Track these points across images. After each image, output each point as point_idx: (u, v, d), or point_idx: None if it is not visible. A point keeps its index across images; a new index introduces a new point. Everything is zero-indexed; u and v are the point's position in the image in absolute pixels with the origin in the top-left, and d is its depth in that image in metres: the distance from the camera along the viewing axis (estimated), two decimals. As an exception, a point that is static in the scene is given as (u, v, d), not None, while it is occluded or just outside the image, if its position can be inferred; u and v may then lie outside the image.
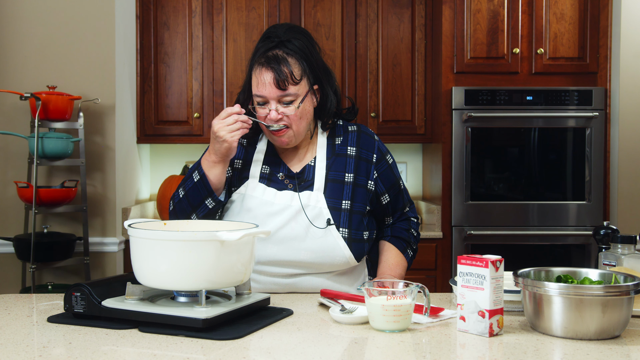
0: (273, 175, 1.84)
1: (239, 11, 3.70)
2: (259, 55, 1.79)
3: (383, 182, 1.89)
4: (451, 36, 3.49)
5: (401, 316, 1.38)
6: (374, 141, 1.91)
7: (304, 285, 1.81)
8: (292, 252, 1.77)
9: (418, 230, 2.00)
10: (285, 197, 1.80)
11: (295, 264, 1.78)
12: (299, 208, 1.78)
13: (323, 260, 1.78)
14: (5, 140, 3.26)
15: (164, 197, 3.64)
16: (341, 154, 1.87)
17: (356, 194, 1.83)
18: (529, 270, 1.47)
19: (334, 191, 1.82)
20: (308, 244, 1.77)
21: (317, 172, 1.83)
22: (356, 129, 1.92)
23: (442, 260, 3.47)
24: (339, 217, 1.80)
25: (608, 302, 1.30)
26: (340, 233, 1.78)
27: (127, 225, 1.49)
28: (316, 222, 1.78)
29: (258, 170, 1.85)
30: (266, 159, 1.87)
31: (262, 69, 1.76)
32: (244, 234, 1.41)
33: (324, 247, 1.77)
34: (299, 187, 1.82)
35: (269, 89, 1.75)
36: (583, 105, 3.46)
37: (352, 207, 1.82)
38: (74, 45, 3.28)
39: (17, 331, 1.40)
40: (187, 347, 1.27)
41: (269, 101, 1.77)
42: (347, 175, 1.84)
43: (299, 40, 1.80)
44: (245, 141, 1.90)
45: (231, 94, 3.70)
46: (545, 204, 3.47)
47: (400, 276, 1.88)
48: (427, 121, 3.75)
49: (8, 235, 3.22)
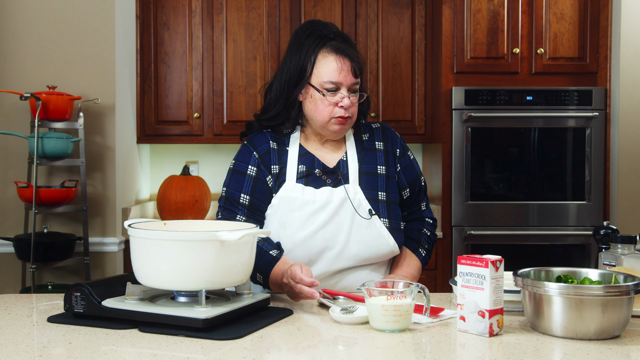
0: (310, 172, 1.84)
1: (239, 11, 3.70)
2: (323, 44, 1.79)
3: (406, 177, 1.93)
4: (451, 36, 3.48)
5: (401, 316, 1.38)
6: (397, 136, 1.97)
7: (350, 279, 1.82)
8: (340, 246, 1.79)
9: (433, 231, 2.00)
10: (325, 193, 1.81)
11: (344, 258, 1.79)
12: (340, 202, 1.80)
13: (370, 251, 1.81)
14: (5, 140, 3.26)
15: (164, 197, 3.64)
16: (370, 149, 1.90)
17: (389, 185, 1.88)
18: (529, 270, 1.47)
19: (369, 183, 1.85)
20: (354, 235, 1.79)
21: (351, 166, 1.86)
22: (380, 126, 1.97)
23: (442, 260, 3.47)
24: (378, 208, 1.83)
25: (608, 302, 1.30)
26: (382, 223, 1.81)
27: (127, 225, 1.49)
28: (360, 213, 1.80)
29: (294, 171, 1.83)
30: (300, 158, 1.86)
31: (340, 57, 1.78)
32: (244, 234, 1.41)
33: (371, 237, 1.80)
34: (338, 182, 1.84)
35: (348, 76, 1.77)
36: (583, 105, 3.46)
37: (388, 197, 1.86)
38: (74, 45, 3.28)
39: (17, 331, 1.40)
40: (187, 347, 1.27)
41: (341, 88, 1.78)
42: (379, 167, 1.88)
43: (344, 35, 1.84)
44: (276, 145, 1.87)
45: (231, 94, 3.70)
46: (545, 204, 3.47)
47: (412, 275, 1.89)
48: (427, 121, 3.75)
49: (8, 235, 3.22)
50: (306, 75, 1.79)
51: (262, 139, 1.87)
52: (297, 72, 1.80)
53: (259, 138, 1.88)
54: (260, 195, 1.82)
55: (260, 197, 1.82)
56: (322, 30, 1.81)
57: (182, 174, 3.74)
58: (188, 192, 3.60)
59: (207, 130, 3.71)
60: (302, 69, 1.79)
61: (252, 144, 1.87)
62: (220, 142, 3.75)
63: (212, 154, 4.00)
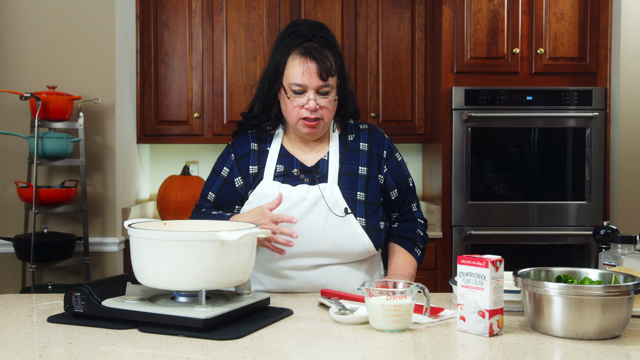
0: (288, 172, 1.87)
1: (239, 11, 3.70)
2: (295, 46, 1.81)
3: (393, 178, 1.93)
4: (451, 36, 3.48)
5: (401, 316, 1.38)
6: (384, 138, 1.97)
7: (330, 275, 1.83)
8: (314, 243, 1.80)
9: (425, 231, 2.01)
10: (301, 190, 1.82)
11: (318, 254, 1.81)
12: (316, 199, 1.81)
13: (344, 249, 1.81)
14: (5, 140, 3.26)
15: (164, 197, 3.64)
16: (354, 149, 1.91)
17: (370, 185, 1.88)
18: (529, 270, 1.48)
19: (349, 183, 1.85)
20: (328, 233, 1.80)
21: (331, 166, 1.87)
22: (367, 127, 1.97)
23: (442, 260, 3.47)
24: (355, 207, 1.83)
25: (608, 302, 1.30)
26: (358, 222, 1.82)
27: (127, 225, 1.49)
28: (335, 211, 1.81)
29: (272, 170, 1.88)
30: (280, 158, 1.90)
31: (305, 59, 1.79)
32: (244, 234, 1.41)
33: (344, 236, 1.80)
34: (314, 181, 1.85)
35: (312, 79, 1.78)
36: (583, 105, 3.46)
37: (367, 198, 1.86)
38: (74, 45, 3.28)
39: (17, 331, 1.40)
40: (187, 347, 1.27)
41: (308, 91, 1.79)
42: (360, 168, 1.89)
43: (328, 34, 1.85)
44: (257, 146, 1.93)
45: (231, 93, 3.70)
46: (545, 204, 3.47)
47: (411, 275, 1.90)
48: (427, 121, 3.75)
49: (8, 235, 3.22)
50: (280, 75, 1.83)
51: (243, 141, 1.95)
52: (274, 72, 1.84)
53: (241, 140, 1.96)
54: (224, 194, 1.93)
55: (224, 197, 1.93)
56: (303, 30, 1.83)
57: (182, 174, 3.74)
58: (188, 192, 3.60)
59: (207, 130, 3.71)
60: (277, 68, 1.84)
61: (232, 146, 1.96)
62: (220, 142, 3.75)
63: (212, 154, 4.00)
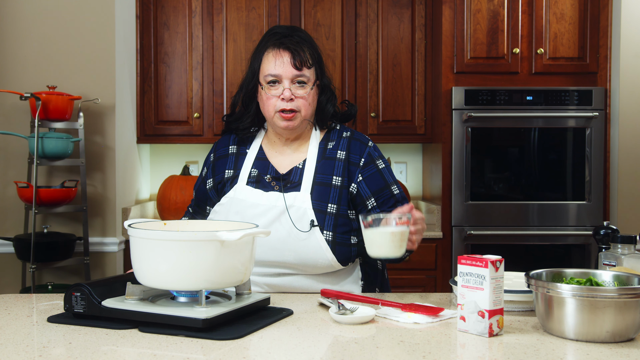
0: (261, 177, 1.86)
1: (239, 11, 3.70)
2: (273, 41, 1.82)
3: (369, 186, 1.85)
4: (451, 36, 3.48)
5: (404, 241, 1.59)
6: (365, 147, 1.89)
7: (294, 285, 1.82)
8: (277, 253, 1.77)
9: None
10: (271, 198, 1.80)
11: (280, 264, 1.79)
12: (283, 209, 1.78)
13: (306, 262, 1.77)
14: (5, 140, 3.26)
15: (164, 197, 3.64)
16: (330, 157, 1.86)
17: (343, 197, 1.82)
18: (542, 271, 1.46)
19: (321, 194, 1.81)
20: (291, 245, 1.77)
21: (306, 174, 1.83)
22: (349, 135, 1.91)
23: (442, 260, 3.47)
24: (324, 220, 1.78)
25: (623, 304, 1.27)
26: (324, 236, 1.77)
27: (127, 225, 1.49)
28: (300, 224, 1.76)
29: (247, 174, 1.87)
30: (256, 162, 1.89)
31: (279, 50, 1.80)
32: (244, 234, 1.41)
33: (307, 250, 1.76)
34: (285, 189, 1.82)
35: (286, 68, 1.79)
36: (583, 105, 3.46)
37: (338, 210, 1.80)
38: (74, 45, 3.28)
39: (17, 331, 1.40)
40: (187, 347, 1.27)
41: (283, 81, 1.80)
42: (334, 178, 1.83)
43: (304, 34, 1.87)
44: (236, 148, 1.94)
45: (231, 93, 3.69)
46: (545, 204, 3.47)
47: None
48: (427, 121, 3.75)
49: (8, 235, 3.22)
50: (256, 74, 1.85)
51: (224, 142, 1.97)
52: (252, 74, 1.86)
53: (223, 141, 1.98)
54: (200, 195, 1.98)
55: (200, 197, 1.98)
56: (278, 31, 1.85)
57: (182, 174, 3.74)
58: (188, 192, 3.60)
59: (207, 130, 3.71)
60: (254, 69, 1.85)
61: (214, 147, 1.99)
62: (220, 142, 3.75)
63: (212, 154, 4.00)
